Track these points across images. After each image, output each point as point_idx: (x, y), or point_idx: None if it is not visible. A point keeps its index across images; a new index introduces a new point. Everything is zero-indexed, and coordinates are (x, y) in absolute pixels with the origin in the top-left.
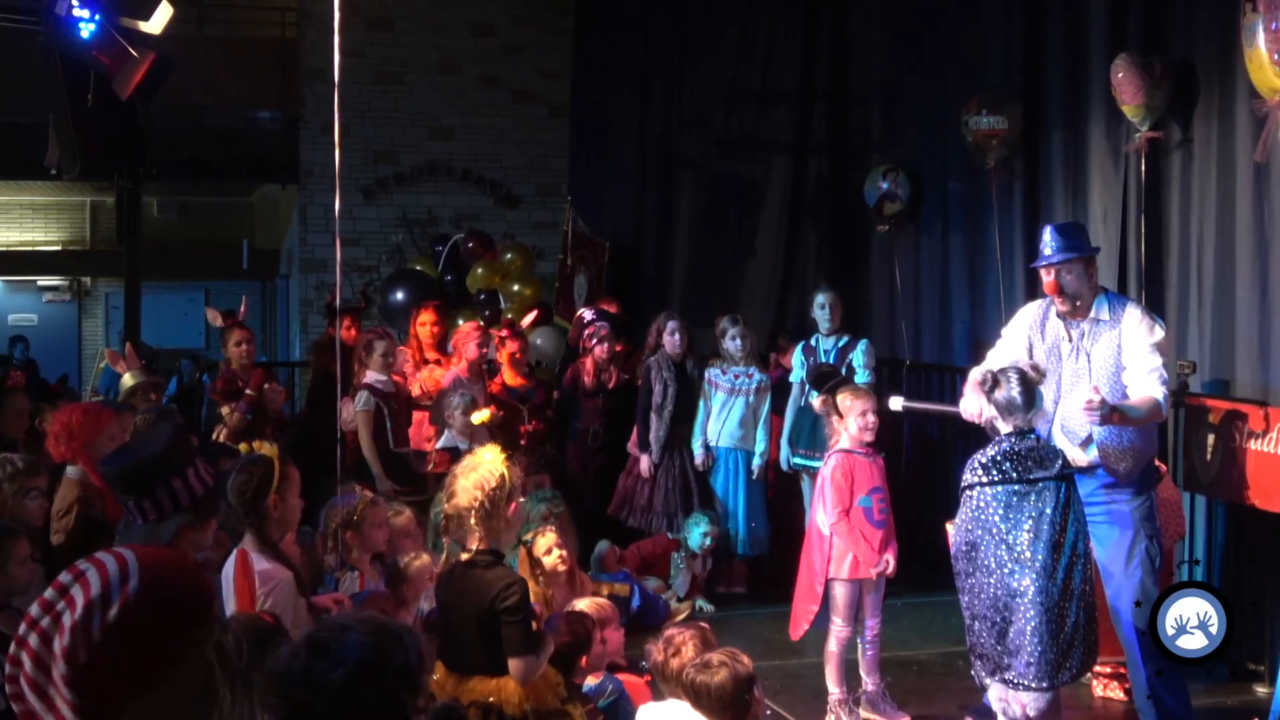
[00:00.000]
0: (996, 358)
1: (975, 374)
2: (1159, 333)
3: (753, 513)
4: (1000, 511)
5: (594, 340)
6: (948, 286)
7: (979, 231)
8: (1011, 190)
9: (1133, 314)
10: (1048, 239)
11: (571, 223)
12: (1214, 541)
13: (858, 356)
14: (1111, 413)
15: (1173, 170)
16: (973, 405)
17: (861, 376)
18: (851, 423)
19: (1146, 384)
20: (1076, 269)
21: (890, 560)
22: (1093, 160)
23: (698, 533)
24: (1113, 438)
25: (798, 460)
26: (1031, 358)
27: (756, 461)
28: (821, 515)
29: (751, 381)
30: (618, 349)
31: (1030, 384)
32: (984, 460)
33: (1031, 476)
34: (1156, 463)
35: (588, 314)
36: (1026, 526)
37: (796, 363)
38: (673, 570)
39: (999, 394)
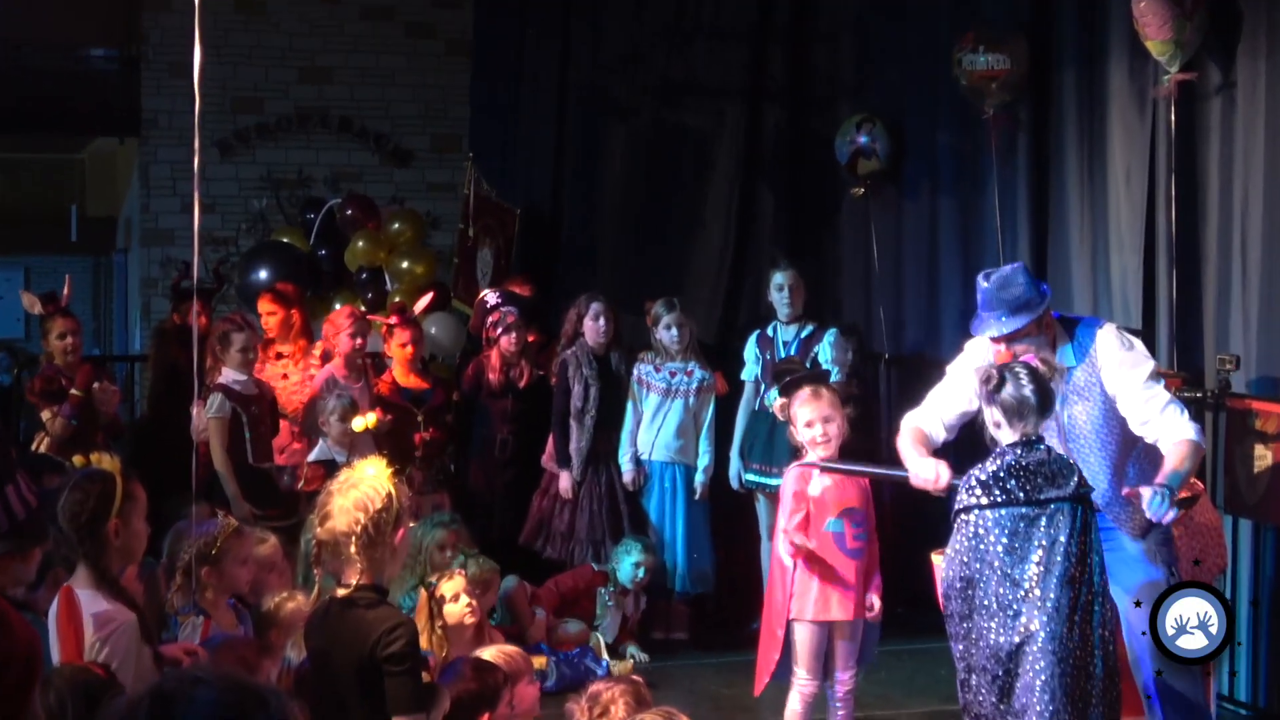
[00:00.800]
0: (931, 409)
1: (908, 427)
2: (1142, 354)
3: (695, 541)
4: (1004, 540)
5: (500, 329)
6: (936, 263)
7: (975, 195)
8: (1015, 144)
9: (1107, 341)
10: (982, 301)
11: (474, 185)
12: (1261, 575)
13: (824, 350)
14: (1173, 495)
15: (1211, 119)
16: (927, 469)
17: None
18: (801, 433)
19: (1167, 424)
20: (1030, 335)
21: (876, 601)
22: (1113, 108)
23: (628, 564)
24: (1133, 477)
25: (751, 477)
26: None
27: (699, 478)
28: (783, 542)
29: (691, 380)
30: (530, 339)
31: (1044, 381)
32: (983, 477)
33: (1042, 496)
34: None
35: (493, 297)
36: (1035, 558)
37: (750, 356)
38: (599, 609)
39: (1007, 392)
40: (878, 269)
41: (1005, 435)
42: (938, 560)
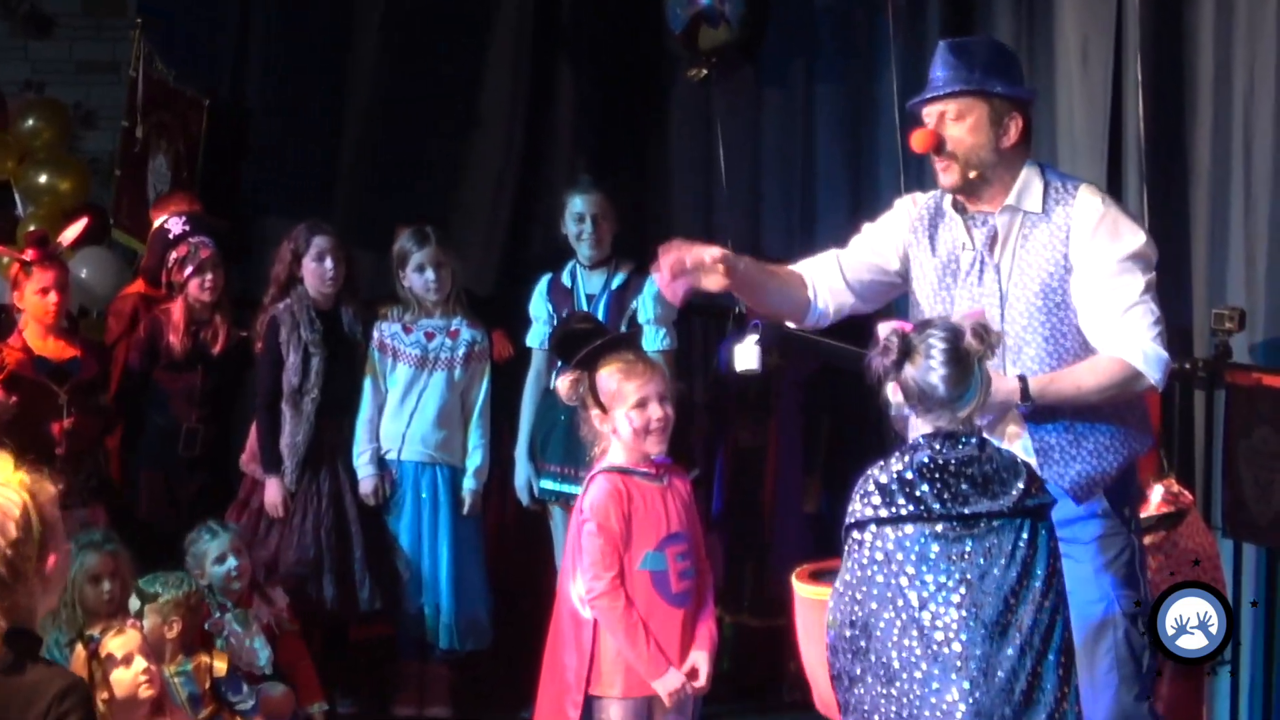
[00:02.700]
0: (831, 256)
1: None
2: (1137, 235)
3: (464, 576)
4: (910, 569)
5: (188, 269)
6: (811, 175)
7: (866, 78)
8: (923, 5)
9: (1088, 202)
10: (937, 62)
11: (144, 64)
12: (1275, 625)
13: (645, 303)
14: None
15: None
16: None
17: (653, 338)
18: (621, 420)
19: (1120, 330)
20: (976, 113)
21: (702, 662)
22: None
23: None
24: (1053, 419)
25: (546, 484)
26: (902, 274)
27: (469, 485)
28: (576, 583)
29: (457, 345)
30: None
31: (967, 355)
32: (884, 479)
33: (968, 510)
34: (1164, 484)
35: (176, 224)
36: (956, 598)
37: (539, 313)
38: (219, 643)
39: (912, 370)
40: (725, 186)
41: (916, 424)
42: (807, 591)
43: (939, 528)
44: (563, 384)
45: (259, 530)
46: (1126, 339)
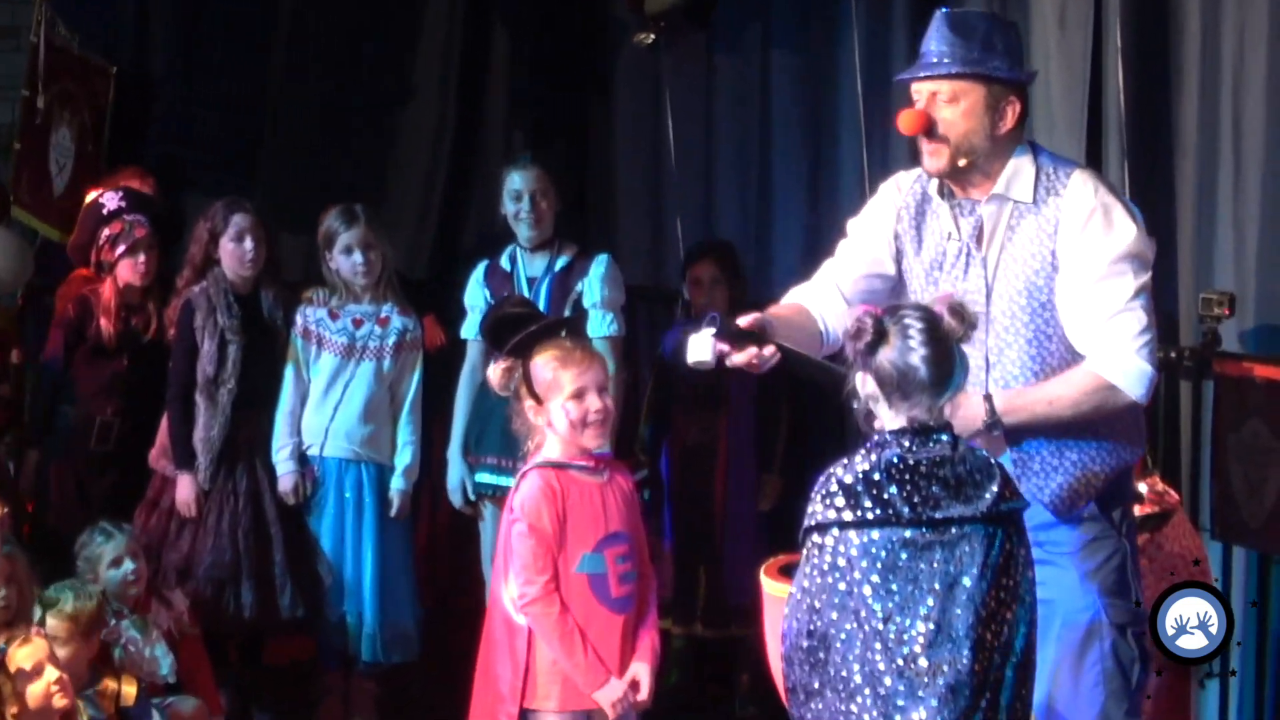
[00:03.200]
0: (824, 277)
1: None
2: (1130, 230)
3: (389, 584)
4: (875, 577)
5: (120, 248)
6: (768, 148)
7: (825, 45)
8: None
9: (1078, 192)
10: (932, 34)
11: (45, 29)
12: (1269, 636)
13: (591, 286)
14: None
15: None
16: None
17: (599, 323)
18: (557, 412)
19: (1100, 344)
20: (973, 96)
21: (643, 674)
22: None
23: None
24: (1034, 426)
25: (482, 477)
26: (900, 275)
27: (398, 485)
28: (509, 587)
29: (387, 333)
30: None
31: (946, 338)
32: (848, 479)
33: (939, 514)
34: (1147, 483)
35: (111, 199)
36: (924, 610)
37: (475, 299)
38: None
39: (886, 354)
40: (675, 161)
41: (886, 417)
42: (776, 588)
43: (907, 533)
44: (494, 373)
45: (170, 532)
46: (1108, 350)
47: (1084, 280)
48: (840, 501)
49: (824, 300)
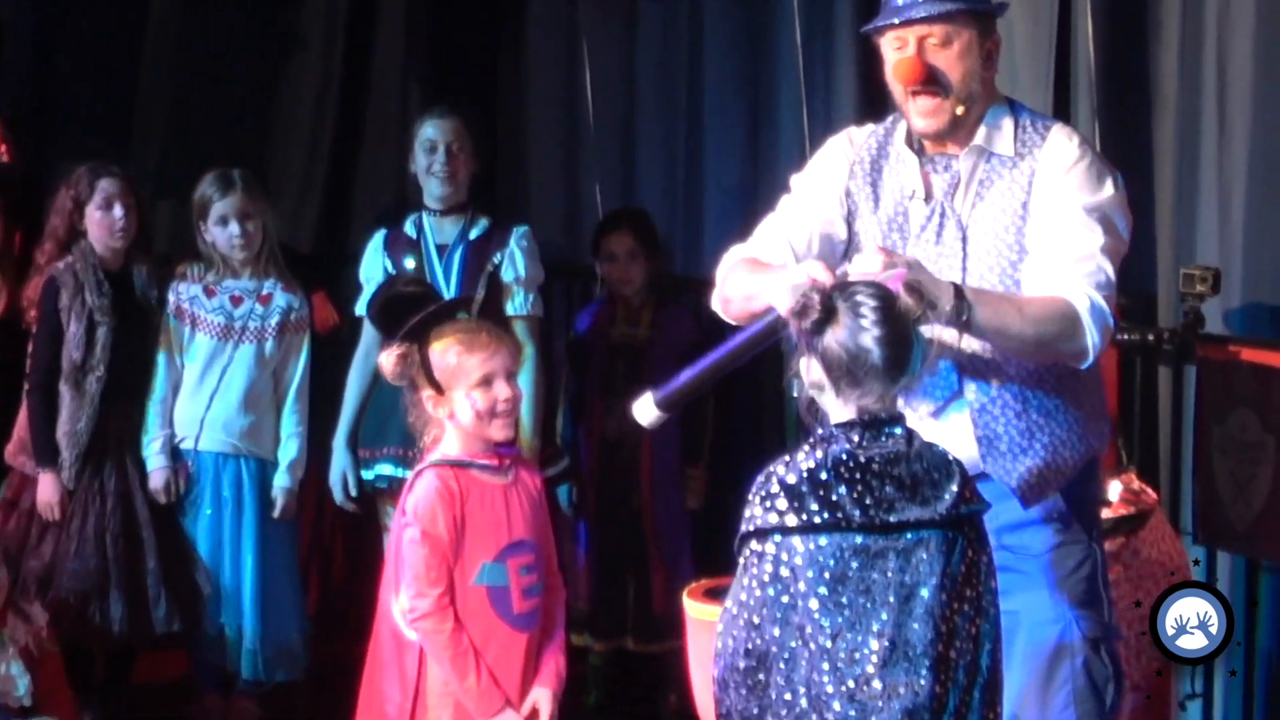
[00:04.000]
0: (771, 234)
1: (732, 261)
2: (1109, 187)
3: (272, 593)
4: (822, 589)
5: None
6: (698, 106)
7: None
8: None
9: (1059, 144)
10: None
11: None
12: (1256, 646)
13: (513, 259)
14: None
15: None
16: (794, 274)
17: (519, 301)
18: (461, 402)
19: (1061, 279)
20: (966, 35)
21: (545, 701)
22: None
23: None
24: (1002, 403)
25: (386, 468)
26: (850, 240)
27: (282, 482)
28: (400, 598)
29: (269, 311)
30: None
31: (902, 317)
32: (791, 479)
33: (893, 518)
34: (1122, 480)
35: None
36: (878, 625)
37: (373, 272)
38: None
39: (835, 334)
40: (593, 119)
41: (833, 407)
42: (700, 611)
43: (858, 539)
44: (387, 361)
45: (30, 536)
46: (1073, 286)
47: (1055, 225)
48: (782, 504)
49: (775, 254)
